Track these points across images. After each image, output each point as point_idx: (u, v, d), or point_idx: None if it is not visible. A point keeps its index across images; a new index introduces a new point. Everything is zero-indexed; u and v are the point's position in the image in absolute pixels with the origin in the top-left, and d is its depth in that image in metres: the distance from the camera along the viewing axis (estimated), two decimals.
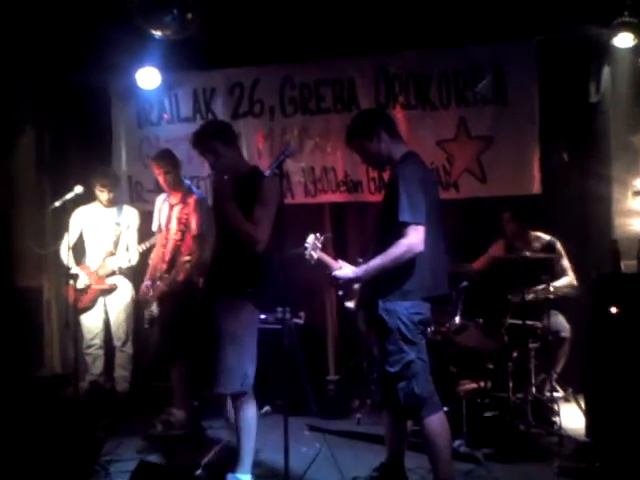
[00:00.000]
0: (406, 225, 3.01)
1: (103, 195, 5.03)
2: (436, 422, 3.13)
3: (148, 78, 5.38)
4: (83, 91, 5.79)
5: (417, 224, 3.01)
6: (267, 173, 3.37)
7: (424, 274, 3.11)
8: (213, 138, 3.50)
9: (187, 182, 4.73)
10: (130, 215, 5.23)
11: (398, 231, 3.03)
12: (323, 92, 5.36)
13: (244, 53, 5.45)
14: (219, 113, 5.63)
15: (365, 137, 3.26)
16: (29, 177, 5.94)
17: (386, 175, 5.06)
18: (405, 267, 3.06)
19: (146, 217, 5.14)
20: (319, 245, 3.43)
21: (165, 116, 5.79)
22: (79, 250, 5.17)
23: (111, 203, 5.13)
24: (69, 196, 4.57)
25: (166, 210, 4.62)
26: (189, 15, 4.27)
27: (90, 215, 5.14)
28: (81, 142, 6.01)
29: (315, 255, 3.41)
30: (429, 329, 3.84)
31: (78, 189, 4.61)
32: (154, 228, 4.76)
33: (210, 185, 3.80)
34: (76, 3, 4.86)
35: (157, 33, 4.39)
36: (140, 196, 5.74)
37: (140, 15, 4.23)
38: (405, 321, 3.09)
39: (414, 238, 3.00)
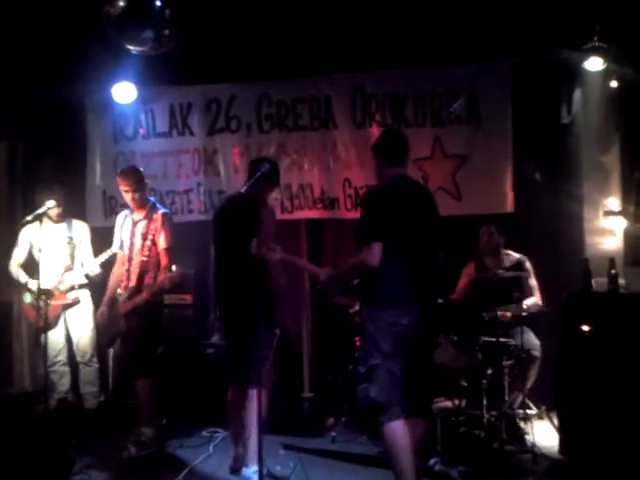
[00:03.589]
0: (360, 243, 3.29)
1: (53, 211, 4.93)
2: (390, 430, 3.20)
3: (124, 92, 5.34)
4: (58, 105, 5.74)
5: (368, 242, 3.23)
6: (243, 190, 3.39)
7: (391, 285, 3.27)
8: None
9: (152, 199, 4.68)
10: (80, 229, 5.19)
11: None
12: (300, 109, 5.38)
13: (221, 69, 5.47)
14: (195, 129, 5.62)
15: (373, 154, 3.61)
16: (0, 191, 5.84)
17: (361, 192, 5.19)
18: (378, 278, 3.25)
19: (105, 231, 5.08)
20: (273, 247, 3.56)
21: (141, 131, 5.76)
22: (29, 267, 5.06)
23: (61, 218, 5.09)
24: (41, 211, 4.50)
25: (129, 226, 4.56)
26: (166, 31, 4.25)
27: (40, 232, 4.98)
28: (55, 156, 5.95)
29: (276, 256, 3.55)
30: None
31: (50, 203, 4.56)
32: (115, 246, 4.69)
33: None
34: (53, 18, 4.83)
35: (134, 49, 4.37)
36: (114, 210, 5.66)
37: (117, 30, 4.20)
38: (380, 328, 3.24)
39: (366, 254, 3.23)
